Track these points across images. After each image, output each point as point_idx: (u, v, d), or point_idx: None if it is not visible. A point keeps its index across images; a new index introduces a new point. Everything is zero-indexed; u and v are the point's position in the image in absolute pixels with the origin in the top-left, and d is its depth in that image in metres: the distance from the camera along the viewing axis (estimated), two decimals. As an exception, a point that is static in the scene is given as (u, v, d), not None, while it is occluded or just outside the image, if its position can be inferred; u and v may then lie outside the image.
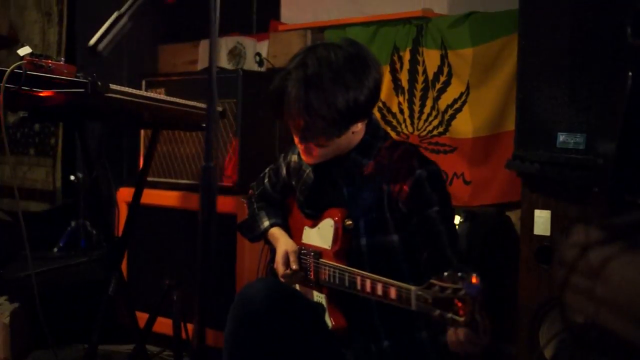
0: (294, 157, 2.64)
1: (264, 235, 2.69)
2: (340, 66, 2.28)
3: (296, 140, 2.43)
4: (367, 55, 2.36)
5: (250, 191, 2.86)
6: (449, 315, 1.89)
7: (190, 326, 3.22)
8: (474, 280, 1.85)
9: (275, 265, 2.56)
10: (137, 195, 3.31)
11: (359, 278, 2.26)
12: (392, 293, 2.12)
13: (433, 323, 2.10)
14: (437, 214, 2.31)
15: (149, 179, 3.85)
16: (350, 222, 2.41)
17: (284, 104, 2.32)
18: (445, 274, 1.92)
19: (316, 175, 2.53)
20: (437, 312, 1.92)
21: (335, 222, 2.43)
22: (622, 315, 1.14)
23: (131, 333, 3.31)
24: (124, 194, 4.18)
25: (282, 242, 2.57)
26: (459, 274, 1.89)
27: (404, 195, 2.33)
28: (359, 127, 2.39)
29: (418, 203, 2.32)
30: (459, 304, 1.87)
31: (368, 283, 2.22)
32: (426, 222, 2.31)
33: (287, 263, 2.50)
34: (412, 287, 2.03)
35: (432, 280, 1.95)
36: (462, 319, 1.86)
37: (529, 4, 2.80)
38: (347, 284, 2.30)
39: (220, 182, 3.75)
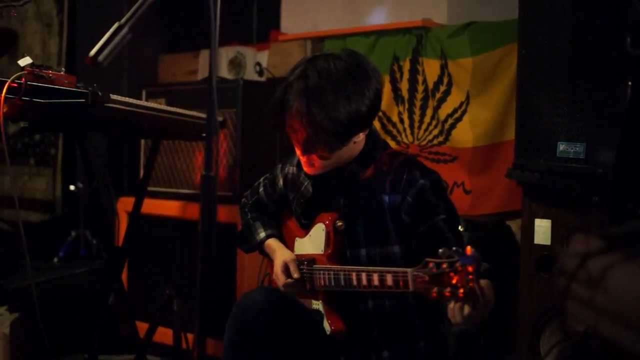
0: (292, 169, 2.63)
1: (260, 247, 2.68)
2: (341, 77, 2.27)
3: (298, 152, 2.43)
4: (368, 66, 2.36)
5: (244, 200, 2.85)
6: (447, 289, 1.89)
7: (190, 336, 3.22)
8: (468, 251, 1.86)
9: (274, 276, 2.56)
10: (138, 204, 3.31)
11: (354, 274, 2.26)
12: (389, 280, 2.13)
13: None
14: (444, 222, 2.31)
15: (149, 188, 3.85)
16: (341, 223, 2.40)
17: (286, 116, 2.32)
18: (440, 250, 1.93)
19: (314, 188, 2.53)
20: (435, 289, 1.92)
21: (326, 225, 2.43)
22: (622, 324, 1.14)
23: (131, 343, 3.30)
24: (125, 204, 4.18)
25: (280, 253, 2.56)
26: (453, 248, 1.91)
27: (407, 206, 2.33)
28: (361, 137, 2.38)
29: (424, 213, 2.32)
30: (456, 277, 1.87)
31: (363, 276, 2.22)
32: (434, 230, 2.31)
33: (287, 272, 2.49)
34: (408, 269, 2.04)
35: (427, 259, 1.97)
36: (460, 290, 1.86)
37: (528, 13, 2.81)
38: (343, 282, 2.30)
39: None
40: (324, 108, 2.25)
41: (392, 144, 3.92)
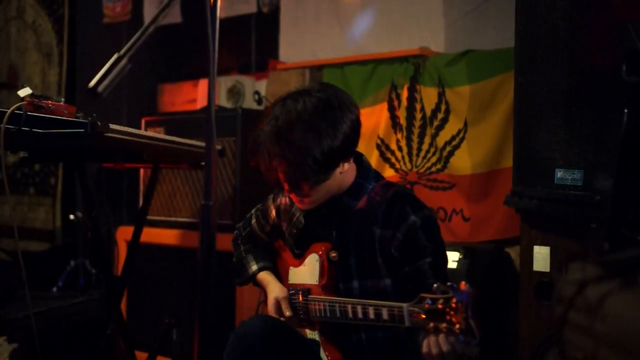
0: (284, 199, 2.62)
1: (252, 280, 2.68)
2: (309, 115, 2.26)
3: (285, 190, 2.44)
4: (340, 99, 2.33)
5: (236, 232, 2.85)
6: (443, 325, 1.89)
7: (189, 365, 3.21)
8: (462, 287, 1.86)
9: (268, 312, 2.55)
10: (137, 233, 3.31)
11: (349, 306, 2.25)
12: (385, 314, 2.12)
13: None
14: (429, 266, 2.27)
15: (149, 217, 3.85)
16: (335, 254, 2.39)
17: (262, 158, 2.32)
18: (435, 285, 1.93)
19: (306, 219, 2.53)
20: (431, 324, 1.92)
21: (320, 255, 2.42)
22: (620, 352, 1.14)
23: (130, 373, 3.29)
24: (124, 233, 4.18)
25: (272, 288, 2.56)
26: (448, 283, 1.90)
27: (396, 243, 2.31)
28: (346, 167, 2.36)
29: (411, 252, 2.29)
30: (452, 313, 1.87)
31: (359, 309, 2.22)
32: (417, 273, 2.28)
33: (279, 311, 2.49)
34: (404, 304, 2.03)
35: (423, 294, 1.96)
36: (456, 326, 1.86)
37: (525, 41, 2.82)
38: (338, 314, 2.29)
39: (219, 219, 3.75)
40: (295, 147, 2.24)
41: (391, 171, 3.93)
